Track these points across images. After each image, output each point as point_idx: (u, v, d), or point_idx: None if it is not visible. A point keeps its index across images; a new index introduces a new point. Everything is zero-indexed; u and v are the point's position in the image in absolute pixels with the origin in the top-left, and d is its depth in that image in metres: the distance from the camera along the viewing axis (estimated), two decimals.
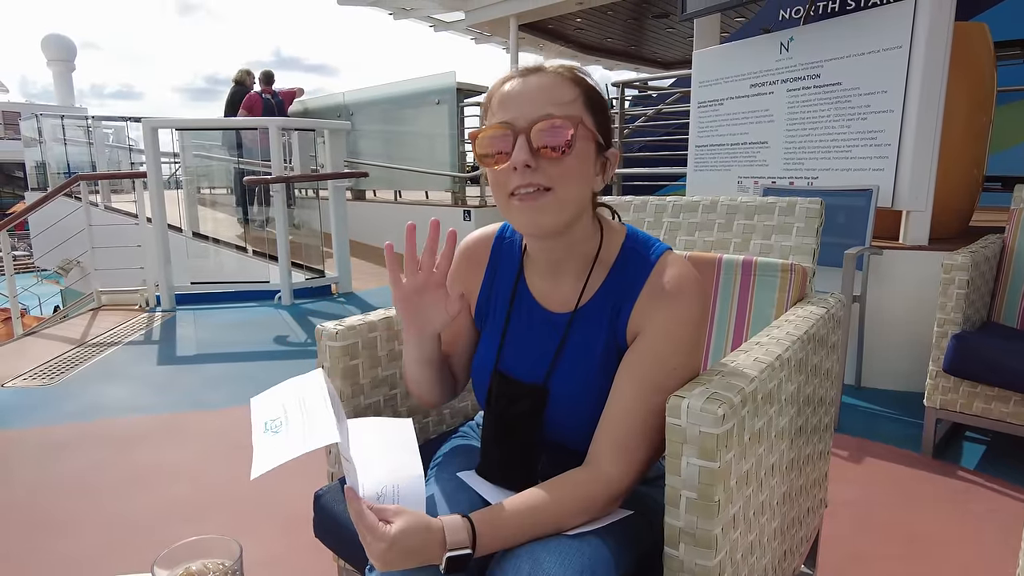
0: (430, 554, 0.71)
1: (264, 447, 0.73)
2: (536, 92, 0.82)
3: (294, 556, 1.70)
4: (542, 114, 0.80)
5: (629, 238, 0.92)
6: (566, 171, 0.81)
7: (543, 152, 0.80)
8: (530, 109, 0.80)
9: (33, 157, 10.95)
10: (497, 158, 0.82)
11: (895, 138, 2.72)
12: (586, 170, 0.84)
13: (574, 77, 0.84)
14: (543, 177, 0.80)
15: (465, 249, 1.04)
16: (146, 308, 4.70)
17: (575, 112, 0.82)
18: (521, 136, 0.80)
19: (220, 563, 0.70)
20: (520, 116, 0.81)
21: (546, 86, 0.82)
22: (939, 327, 2.09)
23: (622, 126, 5.61)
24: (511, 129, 0.81)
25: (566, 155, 0.80)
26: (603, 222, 0.93)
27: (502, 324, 0.97)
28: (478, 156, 0.85)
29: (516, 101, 0.82)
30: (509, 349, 0.96)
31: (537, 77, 0.83)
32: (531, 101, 0.81)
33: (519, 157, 0.79)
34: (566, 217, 0.84)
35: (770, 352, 0.94)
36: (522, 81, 0.83)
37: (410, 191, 7.95)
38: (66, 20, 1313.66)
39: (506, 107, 0.82)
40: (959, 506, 1.90)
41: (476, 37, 9.29)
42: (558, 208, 0.82)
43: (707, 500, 0.76)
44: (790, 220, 1.38)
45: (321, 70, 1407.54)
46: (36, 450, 2.37)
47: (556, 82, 0.83)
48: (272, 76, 7.00)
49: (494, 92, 0.86)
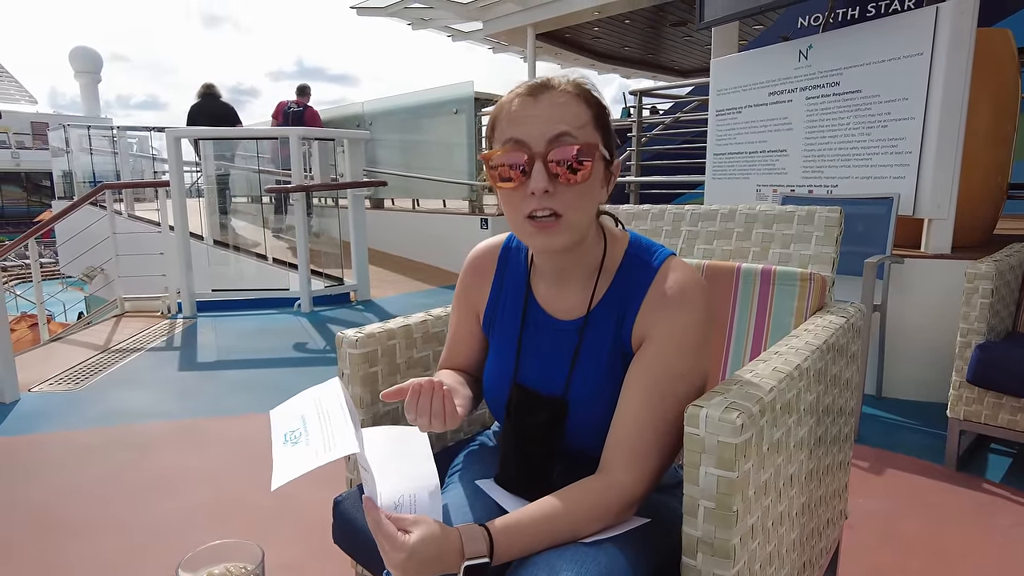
0: (448, 563, 0.71)
1: (284, 459, 0.74)
2: (549, 111, 0.80)
3: (313, 562, 1.71)
4: (558, 136, 0.79)
5: (632, 245, 0.93)
6: (580, 196, 0.81)
7: (560, 177, 0.80)
8: (545, 129, 0.79)
9: (60, 167, 11.18)
10: (513, 180, 0.81)
11: (916, 145, 2.70)
12: (596, 191, 0.85)
13: (585, 96, 0.83)
14: (559, 203, 0.81)
15: (473, 260, 1.06)
16: (168, 315, 4.77)
17: (590, 135, 0.81)
18: (539, 161, 0.79)
19: (242, 567, 0.71)
20: (535, 138, 0.80)
21: (559, 105, 0.81)
22: (962, 337, 2.06)
23: (639, 134, 5.60)
24: (527, 152, 0.80)
25: (582, 182, 0.80)
26: (606, 230, 0.94)
27: (514, 335, 0.98)
28: (492, 177, 0.83)
29: (529, 121, 0.80)
30: (524, 360, 0.96)
31: (549, 95, 0.81)
32: (545, 121, 0.80)
33: (538, 184, 0.79)
34: (577, 237, 0.86)
35: (789, 362, 0.93)
36: (533, 100, 0.81)
37: (428, 200, 8.01)
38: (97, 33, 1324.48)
39: (517, 126, 0.81)
40: (984, 520, 1.86)
41: (494, 47, 9.37)
42: (570, 232, 0.84)
43: (725, 510, 0.75)
44: (809, 229, 1.37)
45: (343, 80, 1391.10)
46: (60, 454, 2.41)
47: (568, 101, 0.81)
48: (303, 88, 7.18)
49: (502, 109, 0.84)
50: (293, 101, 7.06)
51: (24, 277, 13.64)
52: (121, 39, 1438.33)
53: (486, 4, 7.11)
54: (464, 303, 1.07)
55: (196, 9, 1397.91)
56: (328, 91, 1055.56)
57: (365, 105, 8.54)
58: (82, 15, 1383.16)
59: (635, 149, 5.59)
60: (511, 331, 0.99)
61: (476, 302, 1.05)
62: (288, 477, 0.70)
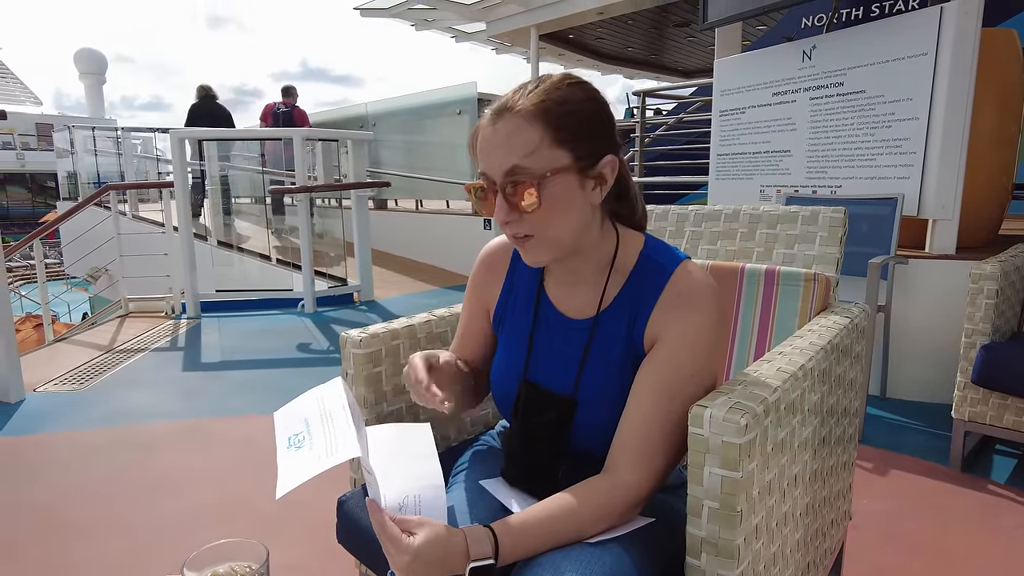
0: (454, 565, 0.71)
1: (288, 464, 0.74)
2: (502, 142, 0.81)
3: (317, 562, 1.71)
4: (508, 169, 0.80)
5: (647, 246, 0.93)
6: (543, 219, 0.82)
7: (518, 206, 0.81)
8: (500, 161, 0.81)
9: (65, 168, 11.21)
10: (487, 208, 0.84)
11: (921, 146, 2.69)
12: (568, 205, 0.83)
13: (543, 112, 0.80)
14: (527, 226, 0.83)
15: (485, 256, 1.06)
16: (172, 315, 4.78)
17: (539, 161, 0.80)
18: (498, 194, 0.82)
19: (247, 566, 0.71)
20: (492, 169, 0.82)
21: (510, 133, 0.80)
22: (967, 337, 2.05)
23: (643, 135, 5.60)
24: (491, 185, 0.83)
25: (540, 207, 0.81)
26: (619, 228, 0.94)
27: (525, 331, 0.98)
28: (474, 205, 0.87)
29: (487, 153, 0.83)
30: (534, 357, 0.97)
31: (504, 122, 0.81)
32: (498, 152, 0.81)
33: (499, 216, 0.82)
34: (561, 248, 0.86)
35: (793, 362, 0.93)
36: (492, 129, 0.82)
37: (431, 200, 8.01)
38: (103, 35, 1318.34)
39: (482, 157, 0.84)
40: (989, 521, 1.86)
41: (497, 47, 9.36)
42: (547, 248, 0.85)
43: (729, 510, 0.75)
44: (813, 229, 1.37)
45: (346, 81, 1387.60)
46: (65, 454, 2.42)
47: (519, 126, 0.80)
48: (288, 89, 7.22)
49: (475, 135, 0.86)
50: (280, 103, 7.10)
51: (29, 278, 13.69)
52: (126, 40, 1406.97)
53: (489, 5, 7.11)
54: (475, 299, 1.08)
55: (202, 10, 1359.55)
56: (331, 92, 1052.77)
57: (368, 106, 8.55)
58: (88, 17, 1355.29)
59: (638, 150, 5.58)
60: (522, 328, 0.99)
61: (487, 298, 1.06)
62: (292, 485, 0.70)
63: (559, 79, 0.85)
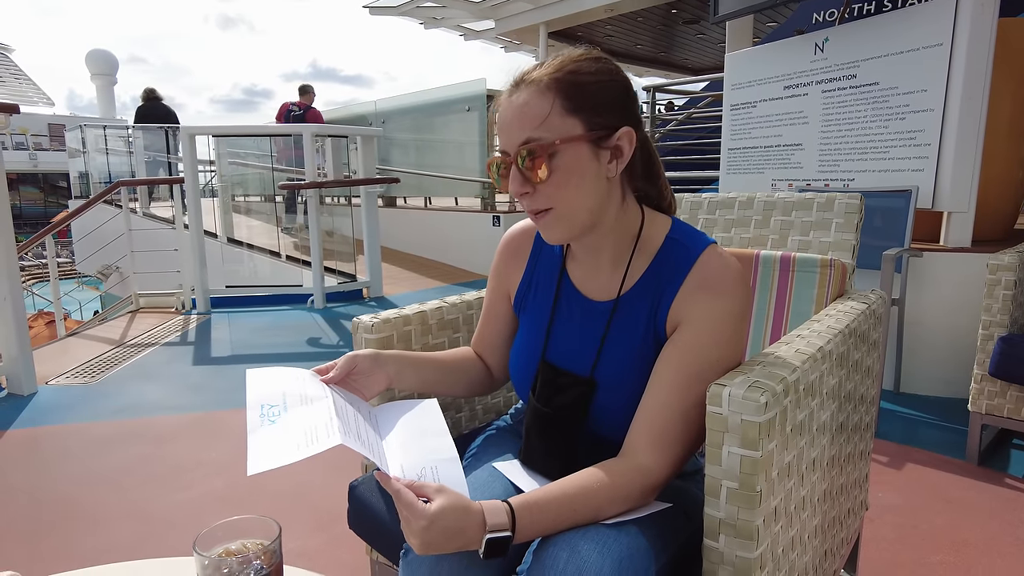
0: (470, 535, 0.70)
1: (261, 439, 0.72)
2: (516, 113, 0.81)
3: (328, 547, 1.71)
4: (521, 140, 0.80)
5: (674, 229, 0.91)
6: (558, 189, 0.81)
7: (533, 177, 0.81)
8: (514, 134, 0.81)
9: (76, 167, 11.28)
10: (506, 182, 0.84)
11: (935, 138, 2.66)
12: (583, 175, 0.82)
13: (550, 80, 0.80)
14: (542, 199, 0.82)
15: (508, 240, 1.06)
16: (182, 311, 4.80)
17: (550, 129, 0.80)
18: (513, 166, 0.82)
19: (259, 543, 0.71)
20: (508, 142, 0.82)
21: (524, 102, 0.81)
22: (984, 329, 2.03)
23: (653, 130, 5.57)
24: (509, 159, 0.83)
25: (552, 177, 0.80)
26: (645, 209, 0.92)
27: (546, 313, 0.97)
28: (494, 181, 0.87)
29: (504, 127, 0.83)
30: (553, 338, 0.96)
31: (518, 95, 0.82)
32: (513, 125, 0.82)
33: (513, 187, 0.82)
34: (579, 224, 0.85)
35: (812, 344, 0.92)
36: (508, 101, 0.83)
37: (440, 197, 8.01)
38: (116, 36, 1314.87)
39: (501, 134, 0.84)
40: (1007, 515, 1.83)
41: (506, 46, 9.35)
42: (564, 222, 0.84)
43: (748, 490, 0.74)
44: (829, 216, 1.35)
45: (356, 81, 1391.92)
46: (77, 445, 2.43)
47: (530, 99, 0.81)
48: (305, 88, 7.29)
49: (495, 111, 0.87)
50: (295, 103, 7.11)
51: (41, 276, 13.80)
52: (139, 42, 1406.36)
53: (498, 3, 7.10)
54: (497, 283, 1.08)
55: (213, 11, 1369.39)
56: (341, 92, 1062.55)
57: (377, 104, 8.56)
58: (101, 19, 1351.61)
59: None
60: (543, 309, 0.98)
61: (508, 282, 1.06)
62: (267, 466, 0.68)
63: (577, 53, 0.85)
